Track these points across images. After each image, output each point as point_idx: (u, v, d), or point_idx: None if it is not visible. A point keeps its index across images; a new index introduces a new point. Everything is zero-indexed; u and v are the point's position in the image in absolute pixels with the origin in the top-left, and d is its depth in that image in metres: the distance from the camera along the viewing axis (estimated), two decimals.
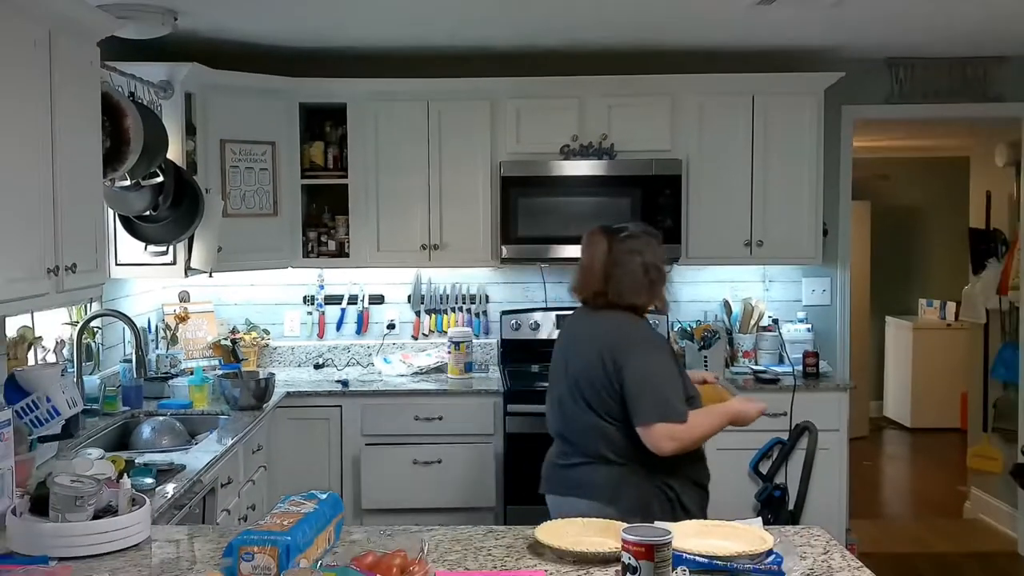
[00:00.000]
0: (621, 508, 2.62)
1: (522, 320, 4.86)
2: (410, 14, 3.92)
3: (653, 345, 2.82)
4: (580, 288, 2.92)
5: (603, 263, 2.82)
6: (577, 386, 2.80)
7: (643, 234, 2.87)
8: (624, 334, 2.80)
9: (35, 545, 2.04)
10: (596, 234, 2.88)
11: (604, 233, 2.86)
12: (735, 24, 4.10)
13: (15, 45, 2.51)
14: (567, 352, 2.91)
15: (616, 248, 2.81)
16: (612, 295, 2.81)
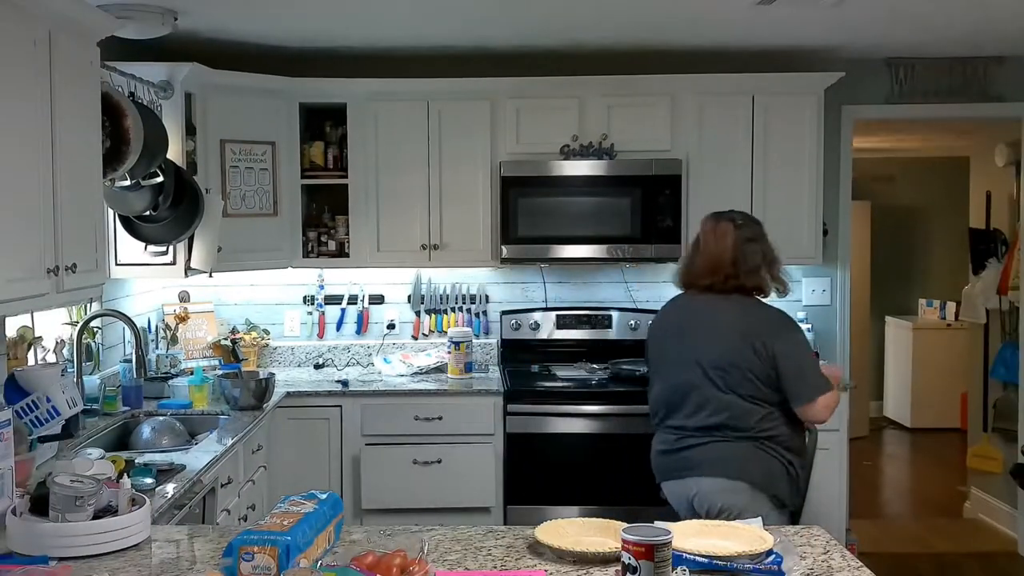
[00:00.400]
0: (749, 480, 2.89)
1: (522, 320, 4.87)
2: (410, 14, 3.92)
3: (794, 326, 3.04)
4: (705, 274, 3.05)
5: (731, 248, 3.01)
6: (716, 370, 2.94)
7: (756, 222, 3.15)
8: (766, 318, 2.99)
9: (35, 545, 2.04)
10: (719, 222, 3.09)
11: (725, 220, 3.08)
12: (735, 24, 4.10)
13: (15, 45, 2.51)
14: (692, 337, 3.03)
15: (739, 234, 3.03)
16: (743, 278, 3.00)
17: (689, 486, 2.99)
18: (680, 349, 3.04)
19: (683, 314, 3.14)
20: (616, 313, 4.87)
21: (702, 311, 3.06)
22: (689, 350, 3.01)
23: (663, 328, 3.22)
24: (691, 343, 3.02)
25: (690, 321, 3.08)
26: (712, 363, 2.94)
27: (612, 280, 4.95)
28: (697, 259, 3.10)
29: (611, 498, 4.22)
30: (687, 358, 3.00)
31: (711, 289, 3.04)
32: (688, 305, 3.14)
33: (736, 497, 2.90)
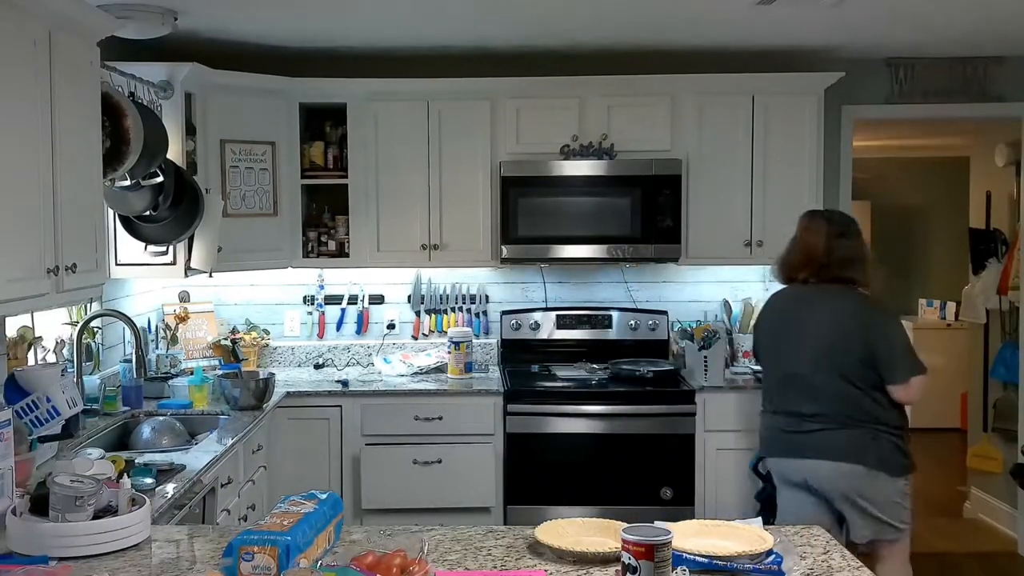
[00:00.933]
0: (870, 463, 3.23)
1: (522, 320, 4.87)
2: (410, 14, 3.92)
3: (890, 312, 3.40)
4: (801, 266, 3.41)
5: (824, 242, 3.36)
6: (828, 358, 3.28)
7: (849, 219, 3.51)
8: (868, 308, 3.32)
9: (35, 545, 2.04)
10: (813, 218, 3.47)
11: (819, 217, 3.49)
12: (735, 24, 4.10)
13: (15, 45, 2.51)
14: (800, 327, 3.38)
15: (830, 229, 3.38)
16: (835, 269, 3.32)
17: (806, 467, 3.35)
18: (789, 339, 3.40)
19: (789, 305, 3.49)
20: (616, 313, 4.87)
21: (806, 301, 3.41)
22: (797, 339, 3.36)
23: (771, 319, 3.56)
24: (799, 333, 3.37)
25: (796, 311, 3.43)
26: (820, 351, 3.28)
27: (612, 280, 4.95)
28: (793, 253, 3.46)
29: (611, 498, 4.23)
30: (796, 347, 3.35)
31: (808, 281, 3.40)
32: (793, 296, 3.48)
33: (855, 480, 3.26)
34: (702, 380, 4.39)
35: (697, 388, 4.34)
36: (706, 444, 4.32)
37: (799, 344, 3.36)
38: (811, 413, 3.33)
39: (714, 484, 4.33)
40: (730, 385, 4.39)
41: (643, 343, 4.84)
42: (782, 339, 3.45)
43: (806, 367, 3.32)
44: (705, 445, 4.32)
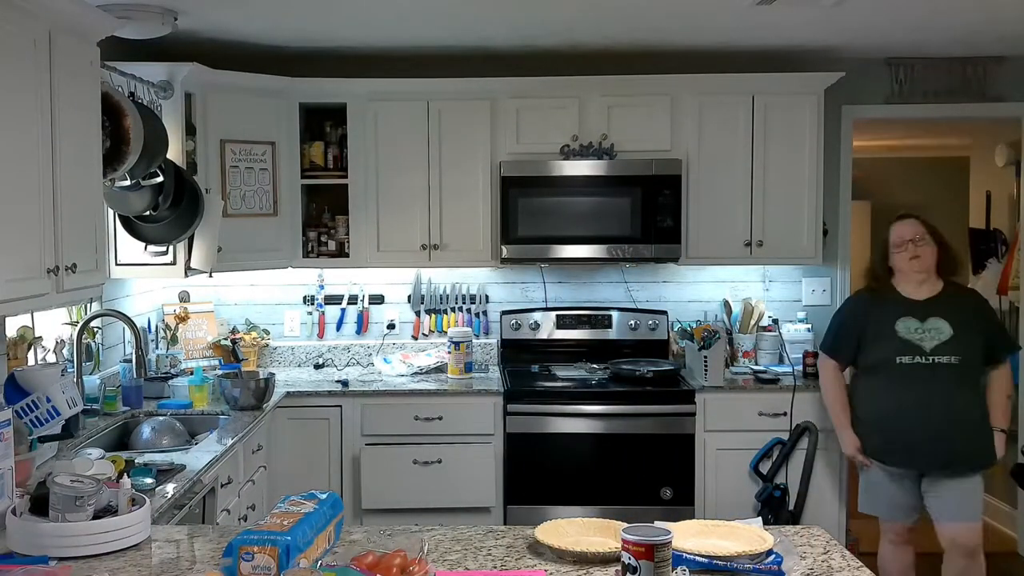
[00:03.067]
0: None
1: (522, 320, 4.87)
2: (410, 14, 3.92)
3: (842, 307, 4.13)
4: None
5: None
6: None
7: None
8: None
9: (35, 545, 2.04)
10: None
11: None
12: (735, 24, 4.10)
13: (15, 45, 2.51)
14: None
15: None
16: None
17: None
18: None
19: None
20: (616, 313, 4.87)
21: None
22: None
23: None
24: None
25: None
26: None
27: (612, 280, 4.95)
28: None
29: (611, 498, 4.23)
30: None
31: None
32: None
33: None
34: (702, 380, 4.39)
35: (697, 388, 4.34)
36: (706, 444, 4.32)
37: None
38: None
39: (714, 484, 4.33)
40: (730, 385, 4.39)
41: (643, 343, 4.84)
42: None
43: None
44: (705, 445, 4.32)
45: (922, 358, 3.64)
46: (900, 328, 3.68)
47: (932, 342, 3.64)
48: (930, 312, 3.69)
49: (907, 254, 3.73)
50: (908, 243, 3.73)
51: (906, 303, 3.73)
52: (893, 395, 3.71)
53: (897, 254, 3.76)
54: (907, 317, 3.70)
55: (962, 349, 3.64)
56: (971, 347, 3.66)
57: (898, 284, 3.79)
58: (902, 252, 3.74)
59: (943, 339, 3.64)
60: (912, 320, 3.69)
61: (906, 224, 3.78)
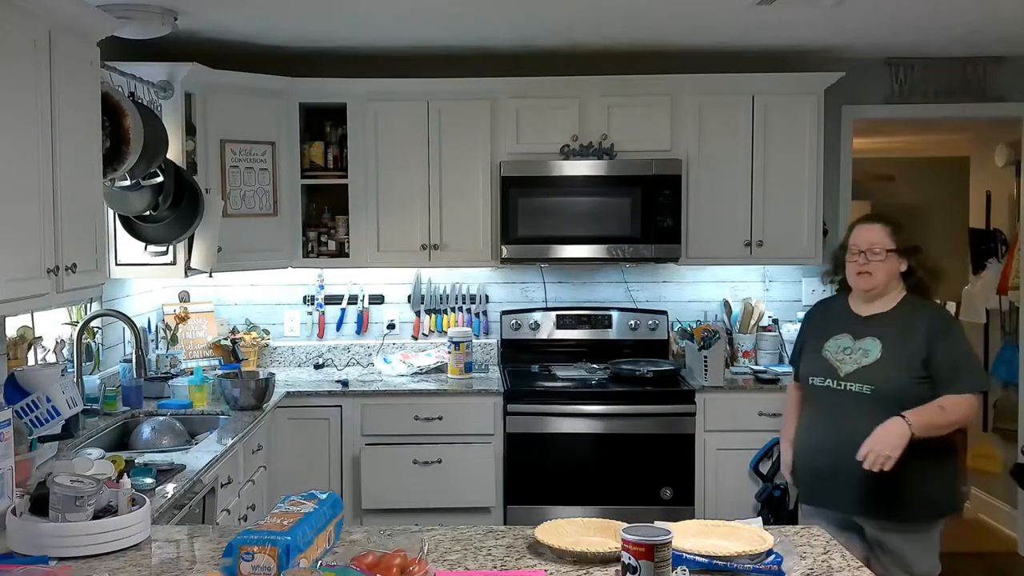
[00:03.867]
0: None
1: (522, 320, 4.86)
2: (410, 14, 3.92)
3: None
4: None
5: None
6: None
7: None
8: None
9: (35, 545, 2.04)
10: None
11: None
12: (735, 24, 4.10)
13: (15, 45, 2.51)
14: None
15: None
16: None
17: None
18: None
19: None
20: (616, 313, 4.87)
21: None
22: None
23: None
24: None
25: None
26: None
27: (612, 280, 4.95)
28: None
29: (611, 498, 4.23)
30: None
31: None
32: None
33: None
34: (702, 380, 4.39)
35: (697, 388, 4.34)
36: (706, 444, 4.32)
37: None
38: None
39: (714, 484, 4.33)
40: (730, 385, 4.39)
41: (643, 343, 4.84)
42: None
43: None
44: (705, 445, 4.32)
45: (833, 382, 3.03)
46: (829, 345, 3.09)
47: (851, 365, 3.00)
48: (869, 330, 3.04)
49: (855, 266, 3.07)
50: (860, 254, 3.05)
51: (848, 317, 3.12)
52: (806, 420, 3.16)
53: (848, 262, 3.10)
54: (842, 334, 3.09)
55: (882, 379, 2.94)
56: (897, 378, 2.93)
57: (851, 293, 3.18)
58: (851, 263, 3.09)
59: (864, 363, 2.99)
60: (845, 338, 3.08)
61: (867, 230, 3.10)
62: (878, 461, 2.79)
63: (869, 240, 3.05)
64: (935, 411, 2.86)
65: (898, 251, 3.05)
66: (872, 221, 3.14)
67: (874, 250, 3.03)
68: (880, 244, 3.04)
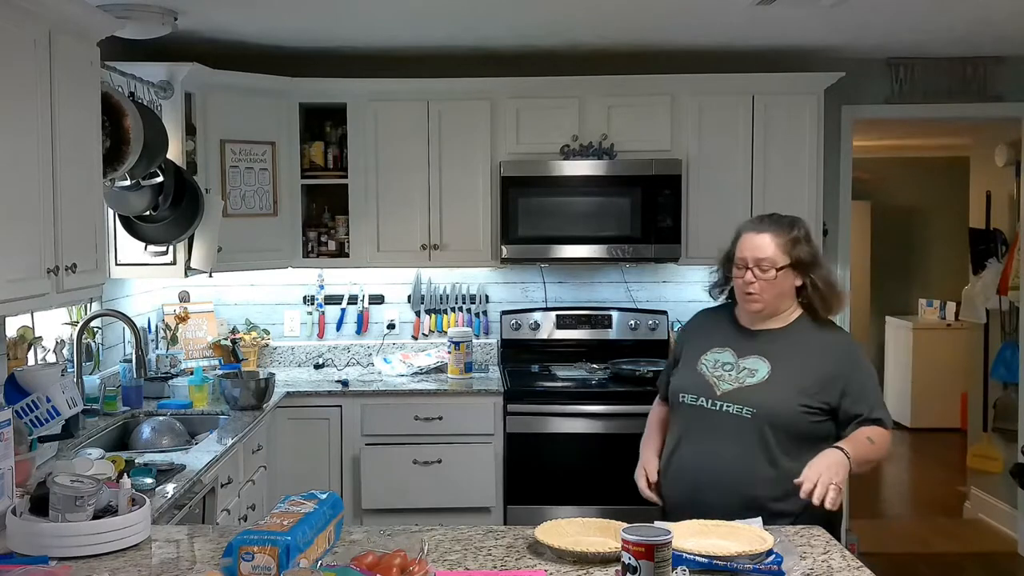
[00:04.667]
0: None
1: (522, 320, 4.86)
2: (410, 14, 3.92)
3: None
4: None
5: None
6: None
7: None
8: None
9: (35, 545, 2.04)
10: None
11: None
12: (735, 24, 4.10)
13: (15, 45, 2.51)
14: None
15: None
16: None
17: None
18: None
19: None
20: (616, 313, 4.87)
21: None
22: None
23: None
24: None
25: None
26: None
27: (612, 280, 4.95)
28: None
29: (611, 498, 4.21)
30: None
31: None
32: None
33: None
34: None
35: None
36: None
37: None
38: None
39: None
40: None
41: (643, 343, 4.84)
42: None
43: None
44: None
45: (707, 401, 2.56)
46: (706, 360, 2.62)
47: (730, 384, 2.55)
48: (756, 348, 2.59)
49: (740, 283, 2.60)
50: (747, 269, 2.58)
51: (733, 330, 2.67)
52: (673, 441, 2.68)
53: (734, 277, 2.64)
54: (723, 348, 2.63)
55: (768, 403, 2.49)
56: (785, 404, 2.49)
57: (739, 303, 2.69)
58: (737, 277, 2.62)
59: (748, 383, 2.54)
60: (727, 353, 2.62)
61: (755, 238, 2.59)
62: (824, 493, 2.30)
63: (757, 252, 2.56)
64: (866, 444, 2.46)
65: (792, 267, 2.57)
66: (761, 228, 2.61)
67: (762, 266, 2.55)
68: (770, 259, 2.55)
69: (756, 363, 2.56)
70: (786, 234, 2.60)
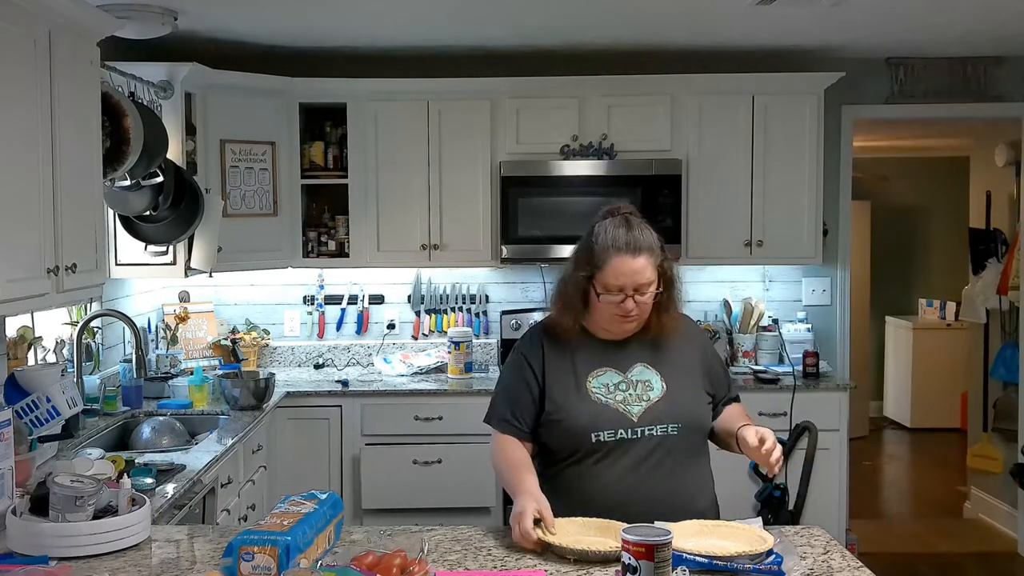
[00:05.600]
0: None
1: (522, 320, 4.86)
2: (410, 14, 3.92)
3: (514, 346, 2.47)
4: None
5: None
6: None
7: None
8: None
9: (35, 545, 2.04)
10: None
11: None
12: (735, 24, 4.10)
13: (15, 45, 2.51)
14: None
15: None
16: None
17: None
18: None
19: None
20: None
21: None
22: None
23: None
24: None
25: None
26: None
27: None
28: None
29: None
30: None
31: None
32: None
33: None
34: None
35: None
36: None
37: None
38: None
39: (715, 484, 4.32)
40: None
41: None
42: None
43: None
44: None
45: (627, 432, 2.25)
46: (594, 387, 2.29)
47: (638, 406, 2.27)
48: (634, 357, 2.34)
49: (617, 309, 2.25)
50: (627, 297, 2.24)
51: (595, 346, 2.35)
52: (588, 494, 2.29)
53: (602, 298, 2.26)
54: (604, 368, 2.32)
55: (683, 412, 2.29)
56: (697, 406, 2.34)
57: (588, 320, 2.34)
58: (609, 304, 2.26)
59: (652, 399, 2.28)
60: (609, 373, 2.31)
61: (635, 262, 2.23)
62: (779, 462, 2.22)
63: (637, 278, 2.24)
64: (748, 419, 2.35)
65: (664, 276, 2.29)
66: (635, 251, 2.24)
67: (642, 291, 2.25)
68: (648, 281, 2.26)
69: (644, 373, 2.32)
70: (657, 250, 2.28)
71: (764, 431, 2.22)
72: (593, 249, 2.28)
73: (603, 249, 2.26)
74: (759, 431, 2.22)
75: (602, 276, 2.25)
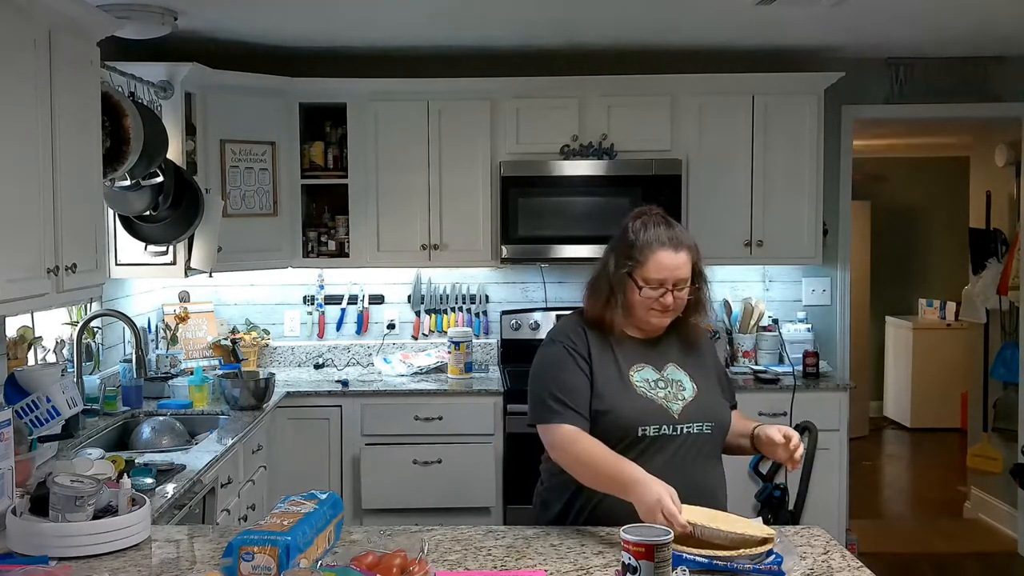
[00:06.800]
0: (545, 520, 2.35)
1: (522, 320, 4.86)
2: (410, 14, 3.92)
3: (547, 339, 2.43)
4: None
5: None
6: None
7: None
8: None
9: (35, 545, 2.04)
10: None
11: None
12: (735, 24, 4.10)
13: (15, 45, 2.51)
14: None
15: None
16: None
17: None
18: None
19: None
20: None
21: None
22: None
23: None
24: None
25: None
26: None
27: None
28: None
29: None
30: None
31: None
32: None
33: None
34: None
35: None
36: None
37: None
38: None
39: None
40: None
41: None
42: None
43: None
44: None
45: (669, 428, 2.27)
46: (637, 380, 2.31)
47: (676, 403, 2.30)
48: (666, 357, 2.39)
49: (656, 304, 2.32)
50: (667, 291, 2.32)
51: (628, 342, 2.37)
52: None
53: (642, 292, 2.31)
54: (643, 364, 2.35)
55: (714, 411, 2.35)
56: (724, 407, 2.42)
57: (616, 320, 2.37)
58: (647, 299, 2.31)
59: (686, 398, 2.32)
60: (647, 369, 2.35)
61: (676, 257, 2.35)
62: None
63: (678, 272, 2.35)
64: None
65: (697, 273, 2.44)
66: (677, 246, 2.36)
67: (680, 286, 2.35)
68: (686, 277, 2.38)
69: (676, 373, 2.36)
70: (694, 249, 2.42)
71: (787, 428, 2.32)
72: (635, 244, 2.33)
73: (646, 244, 2.33)
74: (782, 428, 2.33)
75: (644, 270, 2.31)
